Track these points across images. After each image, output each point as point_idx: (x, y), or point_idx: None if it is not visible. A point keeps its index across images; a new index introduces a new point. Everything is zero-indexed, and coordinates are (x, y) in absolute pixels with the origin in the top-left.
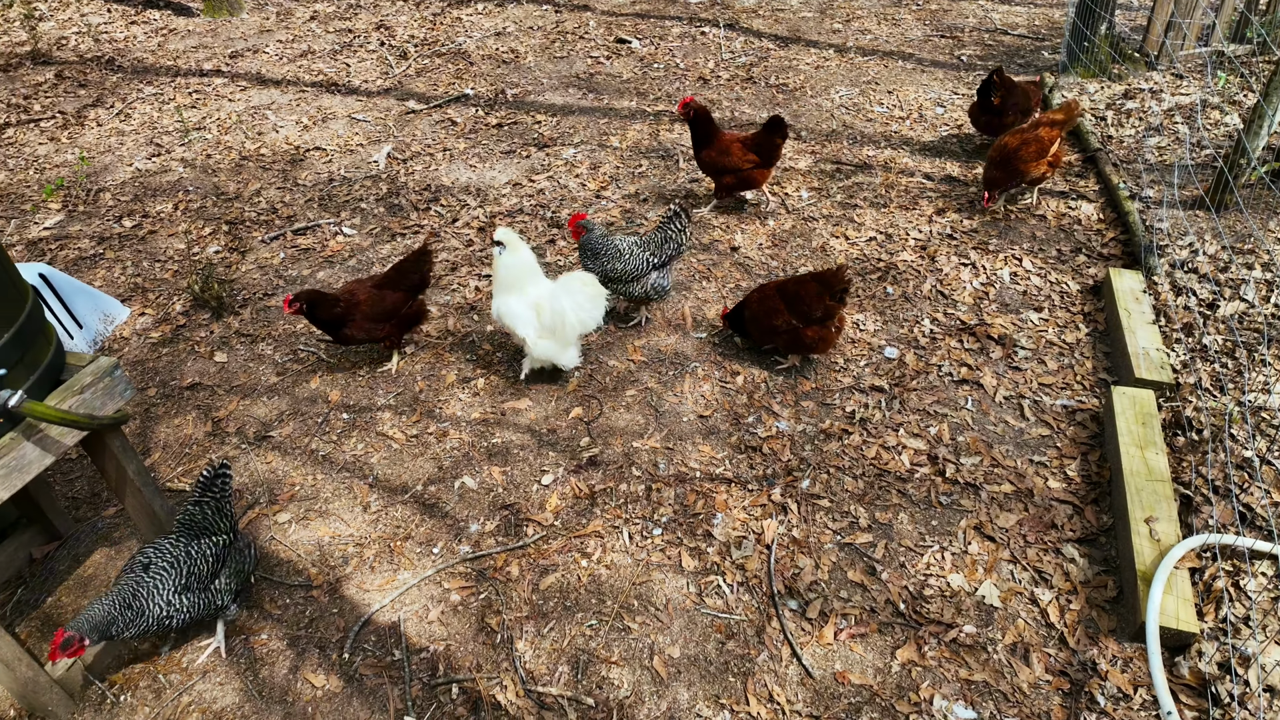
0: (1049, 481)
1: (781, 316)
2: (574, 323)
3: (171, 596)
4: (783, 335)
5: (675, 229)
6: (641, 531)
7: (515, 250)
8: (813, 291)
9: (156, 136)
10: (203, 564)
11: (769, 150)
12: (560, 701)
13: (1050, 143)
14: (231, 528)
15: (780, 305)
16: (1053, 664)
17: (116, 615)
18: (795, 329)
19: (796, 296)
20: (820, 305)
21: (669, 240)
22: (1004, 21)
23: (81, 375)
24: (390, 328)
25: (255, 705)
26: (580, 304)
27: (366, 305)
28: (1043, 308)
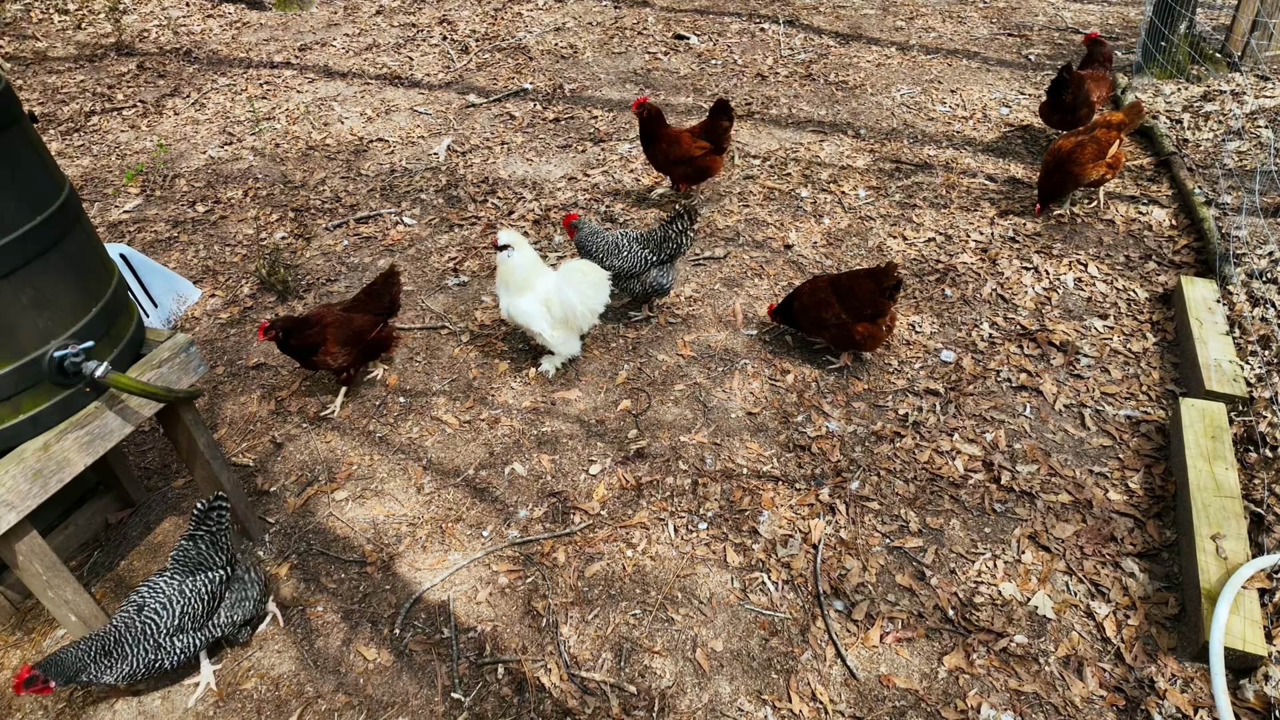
0: (1109, 493)
1: (831, 310)
2: (583, 311)
3: (163, 639)
4: (831, 329)
5: (677, 229)
6: (687, 525)
7: (522, 249)
8: (865, 287)
9: (229, 126)
10: (197, 603)
11: (717, 135)
12: (603, 687)
13: (1109, 144)
14: (229, 560)
15: (831, 298)
16: (1108, 679)
17: (89, 663)
18: (845, 324)
19: (849, 291)
20: (871, 301)
21: (669, 239)
22: (1076, 20)
23: (160, 350)
24: (358, 352)
25: (310, 674)
26: (585, 293)
27: (335, 329)
28: (1108, 315)
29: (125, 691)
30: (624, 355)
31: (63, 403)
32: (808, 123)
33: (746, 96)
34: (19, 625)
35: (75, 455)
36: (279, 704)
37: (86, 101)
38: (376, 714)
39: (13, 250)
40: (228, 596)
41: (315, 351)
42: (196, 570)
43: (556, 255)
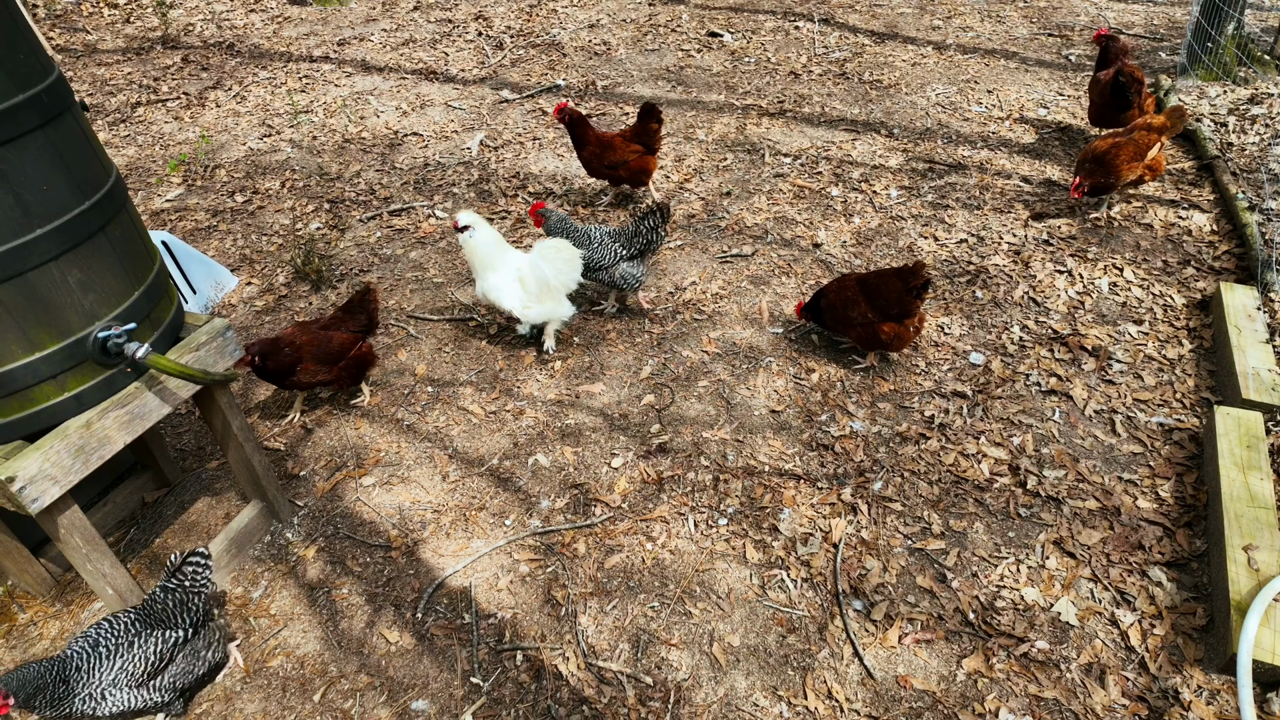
0: (1138, 501)
1: (858, 309)
2: (559, 285)
3: (94, 689)
4: (857, 328)
5: (648, 225)
6: (707, 520)
7: (481, 229)
8: (893, 286)
9: (268, 118)
10: (141, 662)
11: (648, 137)
12: (620, 677)
13: (1147, 146)
14: (193, 624)
15: (859, 297)
16: (1130, 688)
17: (49, 685)
18: (871, 323)
19: (876, 290)
20: (899, 301)
21: (640, 234)
22: (1119, 20)
23: (198, 334)
24: (339, 370)
25: (334, 654)
26: (559, 268)
27: (311, 348)
28: (1143, 320)
29: None
30: (648, 350)
31: (105, 382)
32: (840, 121)
33: (779, 95)
34: (59, 597)
35: (116, 433)
36: (303, 682)
37: (133, 93)
38: (397, 695)
39: (63, 233)
40: (178, 660)
41: (292, 373)
42: (156, 625)
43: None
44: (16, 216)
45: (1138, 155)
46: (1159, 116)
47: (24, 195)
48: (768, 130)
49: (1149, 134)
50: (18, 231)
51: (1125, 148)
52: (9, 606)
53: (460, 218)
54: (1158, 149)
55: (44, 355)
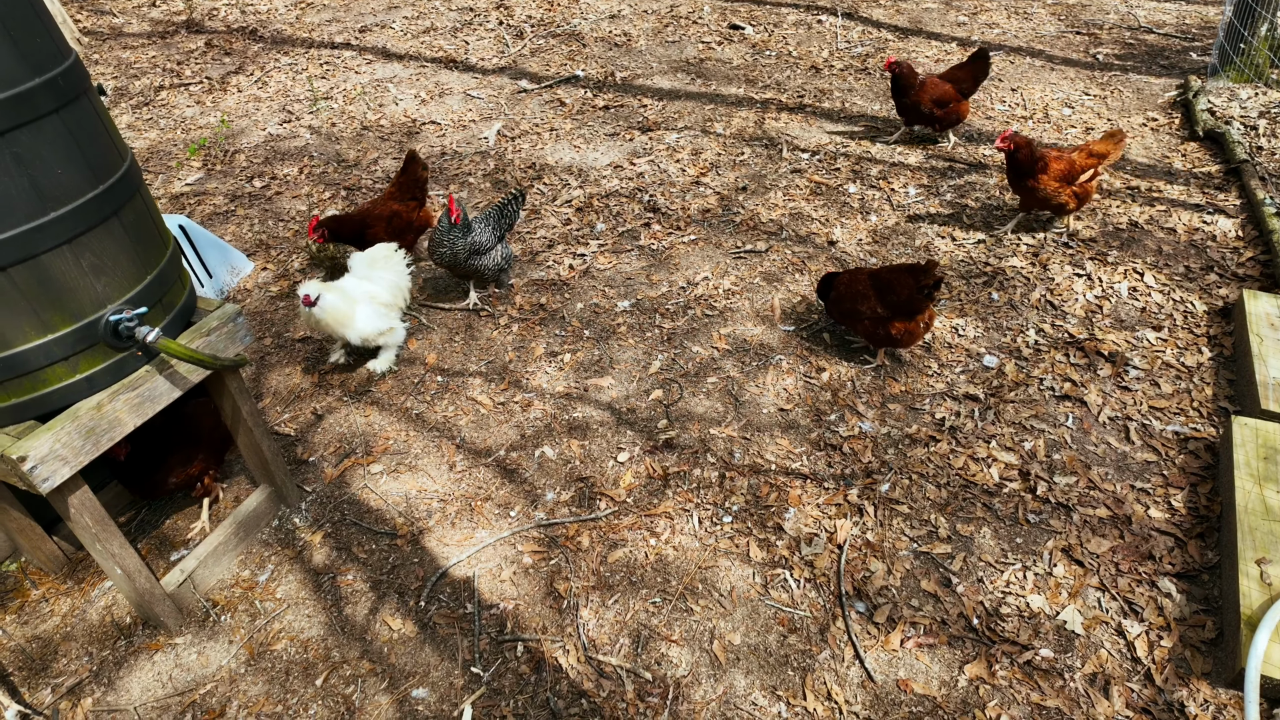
0: (1150, 510)
1: (868, 303)
2: (406, 286)
3: None
4: (866, 322)
5: (512, 210)
6: (712, 517)
7: (327, 293)
8: (904, 283)
9: (289, 104)
10: None
11: (419, 187)
12: (619, 672)
13: (1080, 169)
14: None
15: (869, 291)
16: (1135, 700)
17: None
18: (881, 319)
19: (887, 285)
20: (910, 298)
21: (505, 211)
22: (1149, 19)
23: (209, 319)
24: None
25: (337, 639)
26: (399, 269)
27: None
28: (1162, 327)
29: (163, 644)
30: (658, 345)
31: (116, 365)
32: (860, 117)
33: (799, 89)
34: (70, 574)
35: (126, 416)
36: (306, 666)
37: (156, 77)
38: (398, 683)
39: (76, 217)
40: None
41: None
42: None
43: (598, 243)
44: (31, 200)
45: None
46: (1102, 142)
47: (38, 179)
48: (786, 125)
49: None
50: (31, 214)
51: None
52: (22, 582)
53: (306, 290)
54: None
55: (56, 337)
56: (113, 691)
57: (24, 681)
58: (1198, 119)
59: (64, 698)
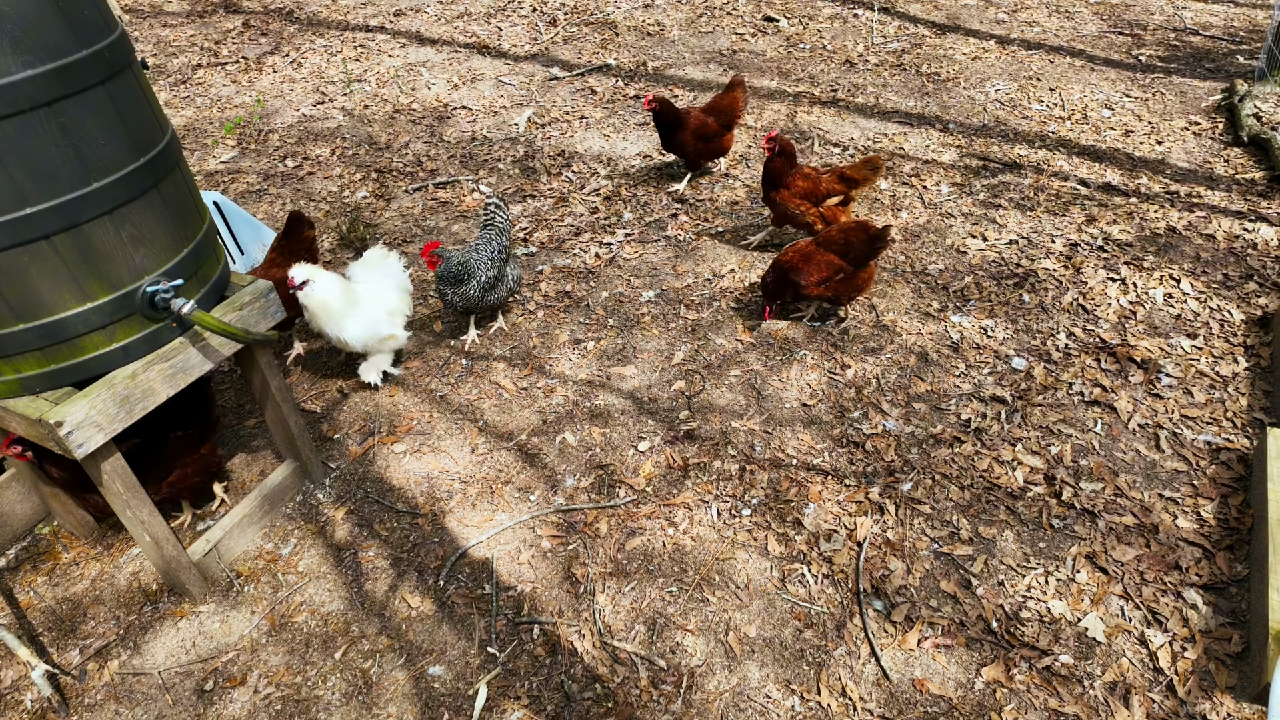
0: (1178, 520)
1: (832, 267)
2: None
3: None
4: (834, 282)
5: (503, 216)
6: (730, 510)
7: (319, 277)
8: (858, 236)
9: (322, 85)
10: None
11: (309, 249)
12: (634, 658)
13: (825, 192)
14: None
15: (830, 255)
16: (1155, 711)
17: None
18: (848, 273)
19: (847, 243)
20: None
21: (494, 225)
22: (1195, 20)
23: (242, 294)
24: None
25: (357, 614)
26: (401, 278)
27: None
28: (1197, 335)
29: (188, 612)
30: (682, 336)
31: (151, 336)
32: (894, 113)
33: (833, 83)
34: (100, 539)
35: (159, 385)
36: (326, 639)
37: (194, 55)
38: (415, 659)
39: (118, 188)
40: None
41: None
42: None
43: (624, 232)
44: (75, 169)
45: (811, 195)
46: (854, 167)
47: (83, 149)
48: (819, 119)
49: (837, 181)
50: (75, 184)
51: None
52: (54, 545)
53: (294, 272)
54: (838, 201)
55: (95, 306)
56: (138, 655)
57: (53, 642)
58: (1243, 124)
59: (91, 659)
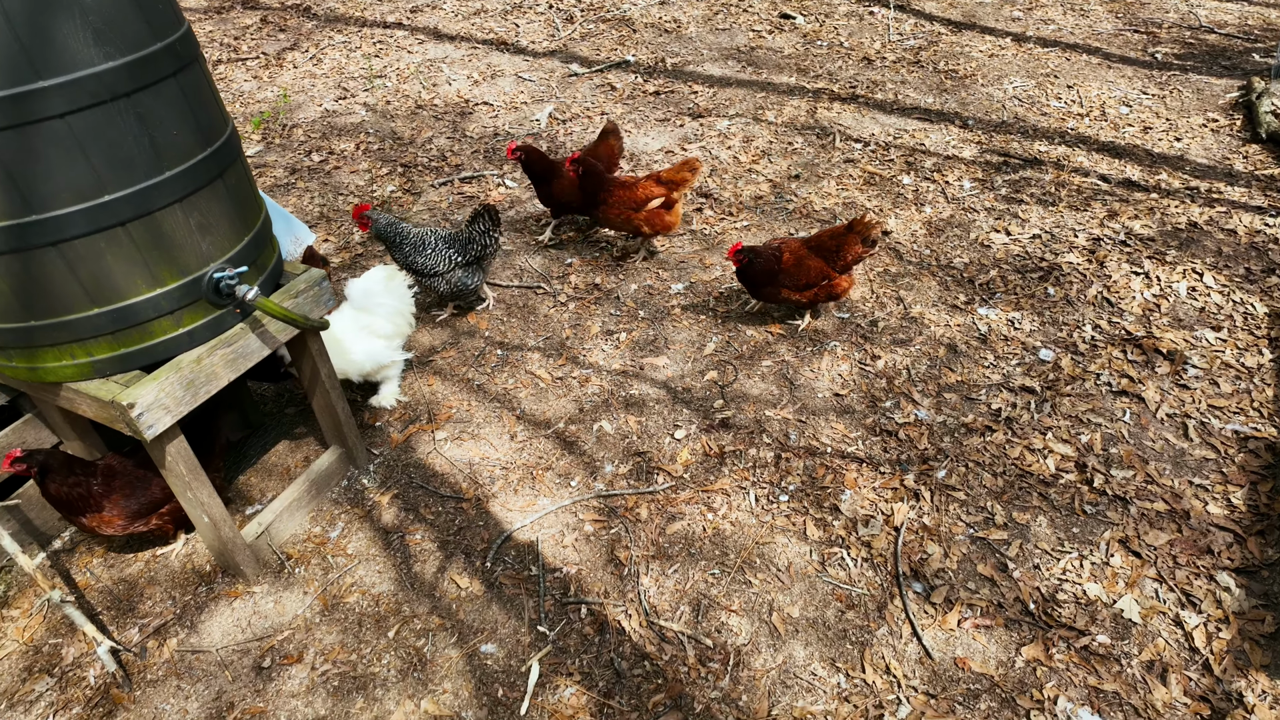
0: (1209, 506)
1: (816, 271)
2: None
3: None
4: (817, 288)
5: (479, 230)
6: (768, 496)
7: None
8: (854, 244)
9: (344, 81)
10: None
11: None
12: (680, 637)
13: (644, 198)
14: None
15: (816, 260)
16: (1193, 688)
17: None
18: (830, 279)
19: (836, 250)
20: (858, 256)
21: (474, 240)
22: (1210, 19)
23: (297, 282)
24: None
25: (407, 594)
26: (402, 295)
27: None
28: (1221, 327)
29: (241, 592)
30: (712, 328)
31: (214, 321)
32: (913, 110)
33: (851, 80)
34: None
35: (221, 370)
36: (378, 619)
37: (214, 51)
38: (467, 638)
39: (188, 177)
40: None
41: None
42: None
43: None
44: (150, 158)
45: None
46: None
47: (157, 138)
48: (838, 115)
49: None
50: (149, 173)
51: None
52: None
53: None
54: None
55: (164, 291)
56: (195, 634)
57: (112, 620)
58: (1261, 121)
59: (150, 637)
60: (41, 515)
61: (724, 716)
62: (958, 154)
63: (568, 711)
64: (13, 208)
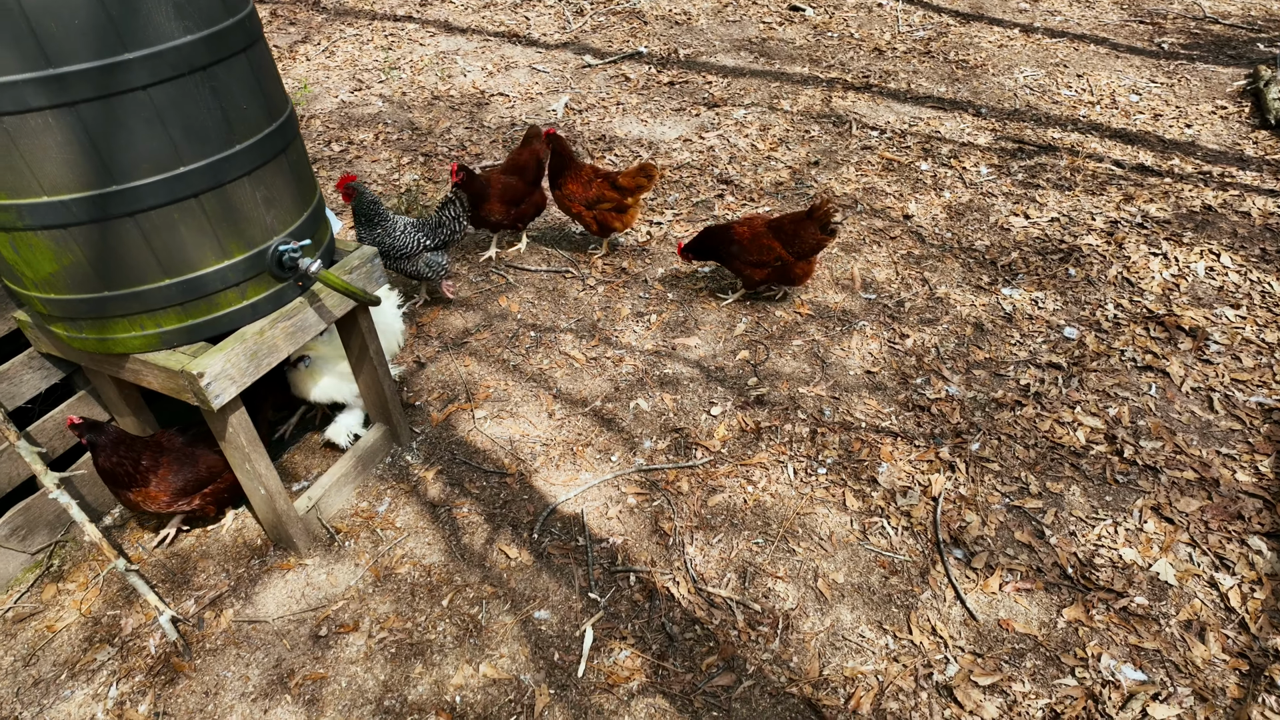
0: (1237, 474)
1: (773, 252)
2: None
3: None
4: (770, 269)
5: (450, 215)
6: (806, 469)
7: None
8: (810, 230)
9: (358, 73)
10: None
11: None
12: (729, 603)
13: (595, 197)
14: None
15: (774, 242)
16: (1230, 645)
17: None
18: (786, 263)
19: (794, 234)
20: (816, 243)
21: (443, 225)
22: (1214, 9)
23: (350, 258)
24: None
25: (458, 565)
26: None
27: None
28: (1240, 305)
29: (294, 565)
30: (741, 309)
31: (276, 294)
32: (926, 99)
33: (864, 70)
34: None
35: (282, 342)
36: (431, 588)
37: None
38: (520, 605)
39: (256, 151)
40: None
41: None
42: None
43: (672, 212)
44: (223, 131)
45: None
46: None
47: (229, 112)
48: (853, 104)
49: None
50: (221, 146)
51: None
52: None
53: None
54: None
55: (232, 264)
56: (250, 605)
57: (168, 593)
58: (1269, 107)
59: (207, 608)
60: (94, 491)
61: (776, 677)
62: (973, 141)
63: (624, 673)
64: (95, 178)
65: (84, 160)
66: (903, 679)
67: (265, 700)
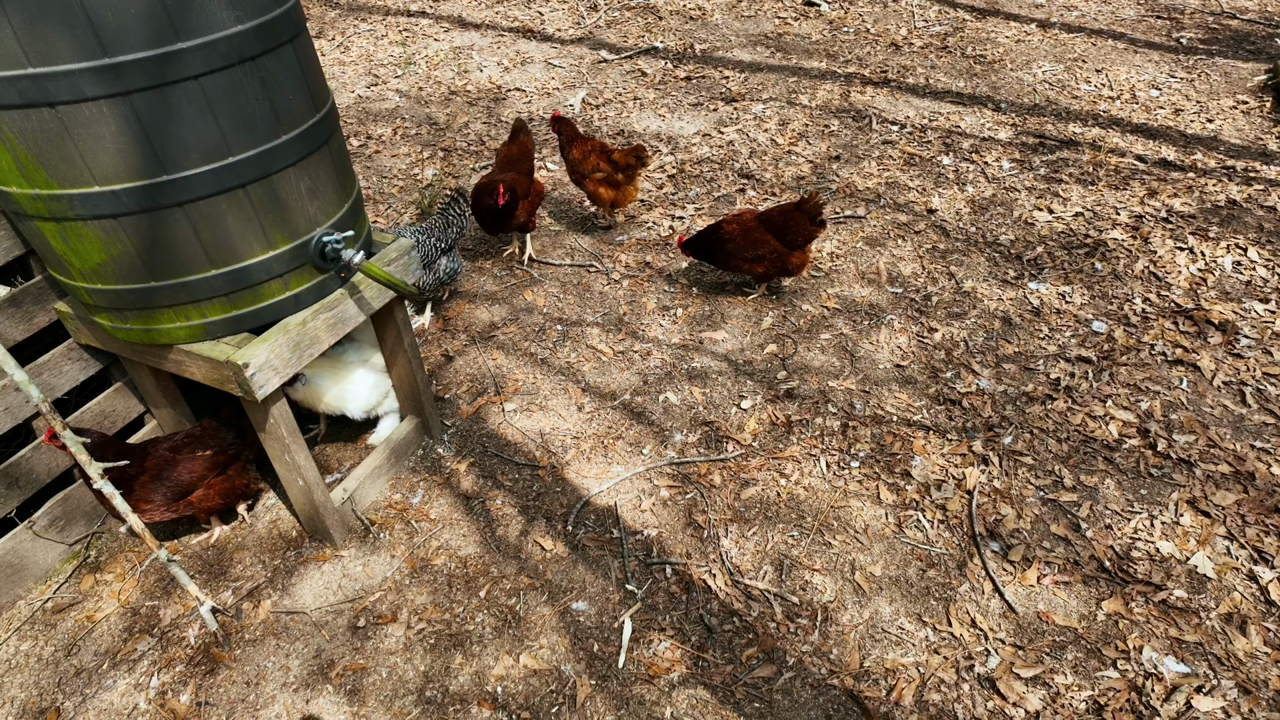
0: (1273, 468)
1: (766, 246)
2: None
3: None
4: (764, 263)
5: (456, 212)
6: (839, 462)
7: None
8: (800, 222)
9: (374, 68)
10: None
11: None
12: (766, 595)
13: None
14: None
15: (766, 235)
16: (1272, 638)
17: None
18: (780, 254)
19: (785, 226)
20: (807, 234)
21: (451, 223)
22: (1231, 4)
23: (388, 250)
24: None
25: (493, 556)
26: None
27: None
28: (1269, 299)
29: (329, 556)
30: (767, 303)
31: (318, 285)
32: (945, 94)
33: (881, 65)
34: None
35: (324, 333)
36: (468, 580)
37: None
38: (557, 596)
39: (301, 141)
40: None
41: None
42: None
43: (694, 206)
44: (270, 121)
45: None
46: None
47: (277, 102)
48: (872, 99)
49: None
50: (268, 136)
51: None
52: None
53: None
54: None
55: (276, 254)
56: (288, 596)
57: (205, 584)
58: None
59: (245, 599)
60: None
61: (817, 669)
62: (994, 135)
63: (664, 664)
64: (146, 168)
65: (136, 150)
66: (944, 671)
67: (307, 690)
